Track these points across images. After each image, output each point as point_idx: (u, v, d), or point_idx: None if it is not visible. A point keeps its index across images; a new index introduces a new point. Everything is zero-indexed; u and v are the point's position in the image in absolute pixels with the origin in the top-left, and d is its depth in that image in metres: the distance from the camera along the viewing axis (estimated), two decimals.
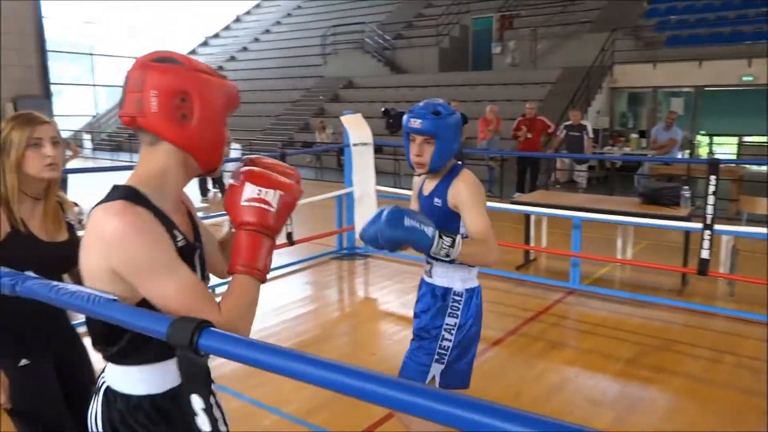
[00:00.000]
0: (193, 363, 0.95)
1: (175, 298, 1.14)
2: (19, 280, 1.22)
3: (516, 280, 5.35)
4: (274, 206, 1.23)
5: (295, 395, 3.16)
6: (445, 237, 1.87)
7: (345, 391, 0.82)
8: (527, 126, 9.60)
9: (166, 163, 1.23)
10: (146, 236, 1.14)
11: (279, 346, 0.93)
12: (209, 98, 1.20)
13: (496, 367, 3.64)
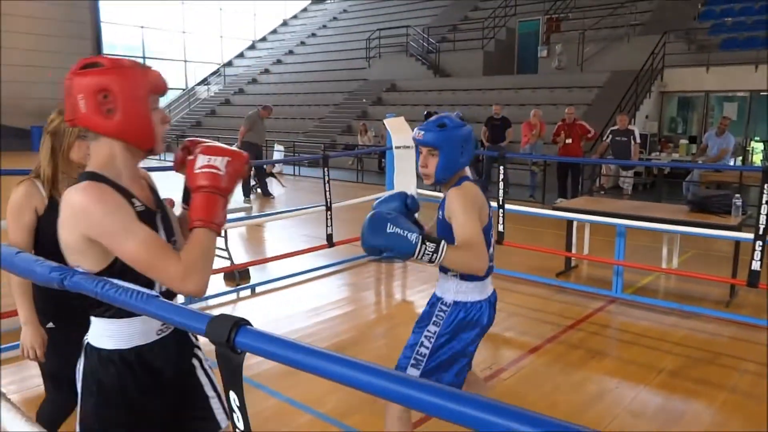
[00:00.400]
0: (230, 360, 0.97)
1: (138, 253, 1.34)
2: (67, 275, 1.28)
3: (556, 287, 5.26)
4: (223, 170, 1.43)
5: (330, 396, 3.19)
6: (428, 243, 1.87)
7: (378, 393, 0.83)
8: (566, 131, 9.44)
9: (110, 153, 1.44)
10: (107, 203, 1.35)
11: (314, 346, 0.95)
12: (129, 89, 1.37)
13: (532, 374, 3.59)
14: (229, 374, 1.00)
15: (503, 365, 3.69)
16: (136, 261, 1.35)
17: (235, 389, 1.00)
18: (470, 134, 2.19)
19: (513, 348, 4.01)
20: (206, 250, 1.40)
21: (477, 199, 2.13)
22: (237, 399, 1.00)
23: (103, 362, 1.49)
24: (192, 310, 1.10)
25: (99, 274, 1.38)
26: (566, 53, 15.08)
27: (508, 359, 3.80)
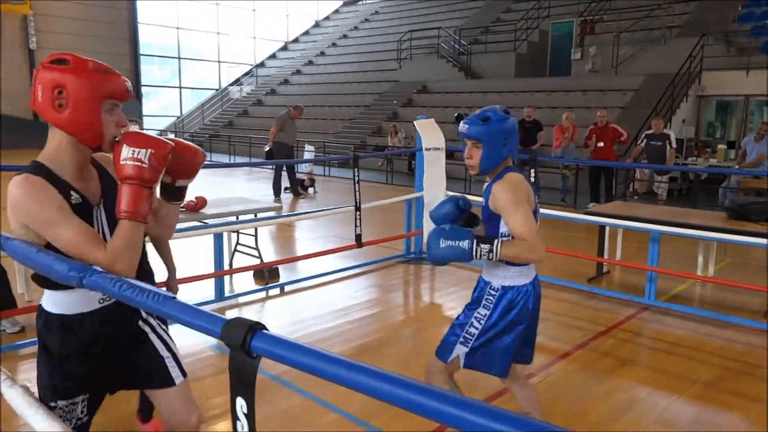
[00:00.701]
0: (244, 364, 0.96)
1: (67, 241, 1.51)
2: (86, 274, 1.29)
3: (587, 293, 5.18)
4: (147, 162, 1.51)
5: (356, 396, 3.17)
6: (482, 245, 2.08)
7: (393, 402, 0.82)
8: (598, 134, 9.29)
9: (59, 142, 1.58)
10: (37, 196, 1.50)
11: (329, 352, 0.94)
12: (82, 90, 1.50)
13: (562, 380, 3.53)
14: (240, 379, 0.97)
15: (532, 370, 3.64)
16: (65, 249, 1.52)
17: (243, 395, 0.97)
18: (513, 127, 2.27)
19: (542, 353, 3.95)
20: (131, 241, 1.54)
21: (523, 188, 2.22)
22: (245, 406, 0.97)
23: (48, 325, 1.67)
24: (208, 312, 1.09)
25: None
26: (600, 55, 14.85)
27: (537, 365, 3.74)
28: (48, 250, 1.50)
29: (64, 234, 1.50)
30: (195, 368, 3.53)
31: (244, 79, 26.55)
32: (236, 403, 0.98)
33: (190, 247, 6.10)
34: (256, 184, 12.44)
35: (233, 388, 0.98)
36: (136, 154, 1.51)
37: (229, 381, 0.98)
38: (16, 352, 3.70)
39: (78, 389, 1.69)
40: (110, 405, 2.49)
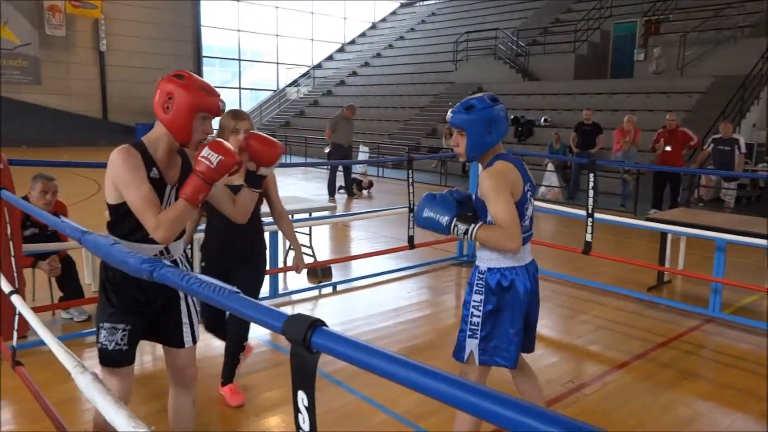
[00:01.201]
0: (304, 359, 0.97)
1: (132, 200, 1.92)
2: (156, 267, 1.34)
3: (646, 302, 5.01)
4: (214, 164, 1.90)
5: (406, 397, 3.18)
6: (460, 224, 2.21)
7: (447, 401, 0.82)
8: (667, 138, 8.95)
9: (159, 132, 2.02)
10: (127, 162, 1.93)
11: (387, 350, 0.94)
12: (184, 102, 1.91)
13: (618, 391, 3.42)
14: (301, 373, 0.99)
15: (586, 380, 3.55)
16: (131, 206, 1.94)
17: (304, 389, 0.99)
18: (498, 114, 2.28)
19: (598, 363, 3.85)
20: (179, 216, 1.92)
21: (508, 176, 2.25)
22: (306, 399, 0.99)
23: (105, 270, 2.09)
24: (271, 308, 1.11)
25: (115, 206, 2.00)
26: (665, 57, 14.33)
27: (592, 374, 3.65)
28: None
29: (132, 194, 1.92)
30: (250, 362, 3.61)
31: (301, 81, 26.99)
32: (297, 396, 1.00)
33: None
34: (312, 184, 12.62)
35: (294, 382, 1.00)
36: (210, 156, 1.91)
37: (290, 375, 1.01)
38: (83, 339, 3.88)
39: (119, 320, 2.09)
40: (145, 400, 2.58)
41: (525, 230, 2.32)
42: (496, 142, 2.31)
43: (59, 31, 19.66)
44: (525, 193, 2.31)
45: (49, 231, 4.07)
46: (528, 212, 2.35)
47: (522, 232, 2.26)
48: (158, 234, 1.91)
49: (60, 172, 4.19)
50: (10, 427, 2.88)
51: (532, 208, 2.39)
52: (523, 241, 2.29)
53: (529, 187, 2.36)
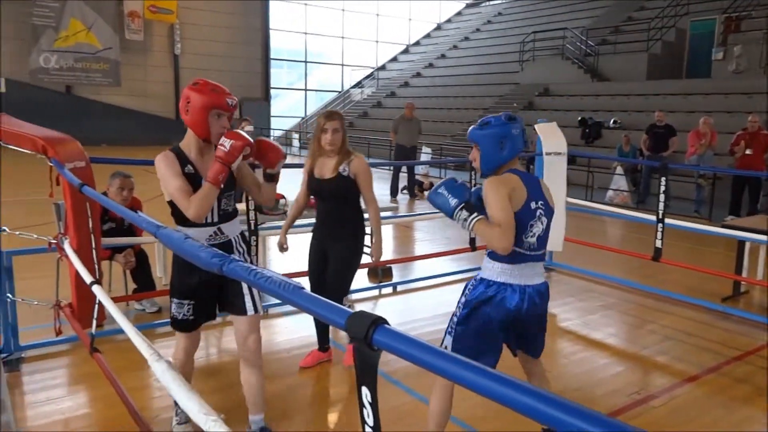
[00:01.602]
0: (366, 356, 0.99)
1: (170, 191, 2.37)
2: (225, 262, 1.38)
3: (720, 313, 4.77)
4: (227, 148, 2.30)
5: (465, 400, 3.15)
6: (464, 211, 2.29)
7: (506, 403, 0.81)
8: (747, 141, 8.48)
9: (189, 134, 2.45)
10: (165, 163, 2.40)
11: (447, 351, 0.94)
12: (197, 103, 2.34)
13: (688, 405, 3.28)
14: (364, 370, 1.01)
15: (654, 392, 3.42)
16: (171, 196, 2.39)
17: (367, 385, 1.01)
18: (511, 132, 2.36)
19: (666, 374, 3.70)
20: (206, 197, 2.32)
21: (507, 184, 2.31)
22: (369, 395, 1.01)
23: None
24: (335, 304, 1.12)
25: (169, 201, 2.44)
26: (746, 55, 13.60)
27: (660, 386, 3.51)
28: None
29: (169, 187, 2.37)
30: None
31: (365, 82, 27.24)
32: (362, 392, 1.01)
33: (304, 242, 6.35)
34: (375, 185, 12.70)
35: (358, 378, 1.02)
36: (225, 142, 2.31)
37: (356, 371, 1.03)
38: (153, 330, 4.06)
39: (185, 296, 2.51)
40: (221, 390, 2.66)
41: (528, 247, 2.34)
42: (510, 158, 2.39)
43: (137, 36, 20.64)
44: (529, 208, 2.32)
45: (125, 226, 4.28)
46: (534, 229, 2.34)
47: (524, 249, 2.32)
48: (190, 213, 2.33)
49: (136, 169, 4.39)
50: (86, 410, 3.05)
51: (543, 227, 2.36)
52: (525, 259, 2.33)
53: (540, 205, 2.35)
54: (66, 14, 19.32)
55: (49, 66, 19.20)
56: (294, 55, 26.15)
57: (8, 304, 3.39)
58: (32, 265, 3.80)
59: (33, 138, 2.80)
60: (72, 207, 2.84)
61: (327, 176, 3.25)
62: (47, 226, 4.39)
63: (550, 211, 2.41)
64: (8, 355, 3.41)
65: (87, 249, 2.88)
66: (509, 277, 2.36)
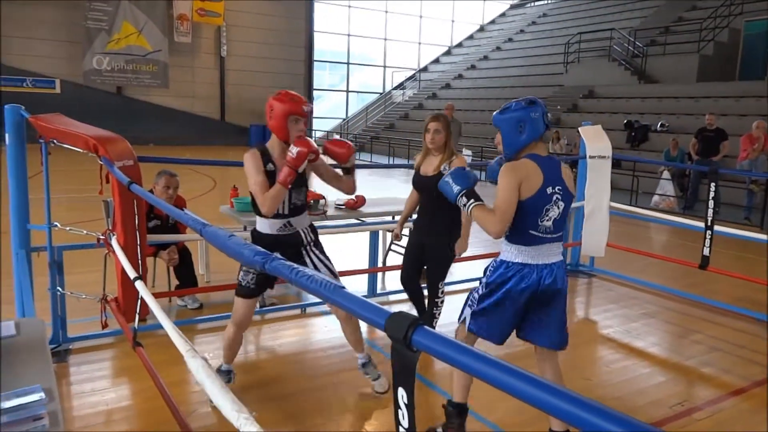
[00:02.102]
0: (404, 357, 0.99)
1: (251, 186, 2.79)
2: (268, 260, 1.41)
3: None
4: (294, 154, 2.68)
5: (501, 404, 3.13)
6: (464, 197, 2.47)
7: (544, 408, 0.80)
8: None
9: (273, 137, 2.88)
10: (250, 160, 2.81)
11: (486, 353, 0.93)
12: (277, 109, 2.78)
13: (733, 419, 3.17)
14: (402, 371, 1.01)
15: (698, 404, 3.31)
16: (251, 189, 2.81)
17: (404, 386, 1.01)
18: (529, 116, 2.48)
19: (711, 386, 3.58)
20: (275, 195, 2.74)
21: (520, 171, 2.42)
22: (405, 396, 1.00)
23: (253, 232, 3.07)
24: (375, 305, 1.13)
25: (251, 193, 2.85)
26: None
27: (704, 398, 3.40)
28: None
29: (251, 181, 2.78)
30: (345, 359, 3.70)
31: (407, 83, 27.25)
32: (398, 392, 1.01)
33: (349, 242, 6.39)
34: None
35: (395, 379, 1.02)
36: (292, 149, 2.69)
37: (392, 372, 1.02)
38: (195, 326, 4.15)
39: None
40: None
41: (544, 231, 2.48)
42: (528, 141, 2.50)
43: (186, 38, 21.17)
44: (545, 193, 2.44)
45: (170, 223, 4.39)
46: (550, 213, 2.47)
47: (540, 233, 2.47)
48: (263, 208, 2.78)
49: (181, 168, 4.50)
50: (128, 402, 3.15)
51: (559, 212, 2.49)
52: (541, 241, 2.49)
53: (557, 190, 2.47)
54: (118, 17, 19.97)
55: (102, 68, 19.88)
56: (336, 56, 26.37)
57: (58, 297, 3.53)
58: (81, 260, 3.94)
59: (85, 137, 2.90)
60: (120, 204, 2.93)
61: (430, 173, 3.52)
62: (92, 222, 4.54)
63: (568, 195, 2.52)
64: (57, 346, 3.55)
65: (133, 245, 2.97)
66: (527, 258, 2.51)
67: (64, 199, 8.54)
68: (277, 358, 3.75)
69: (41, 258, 3.56)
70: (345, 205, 5.00)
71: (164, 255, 4.33)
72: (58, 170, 9.28)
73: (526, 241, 2.48)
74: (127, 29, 20.14)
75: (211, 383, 1.64)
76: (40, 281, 3.62)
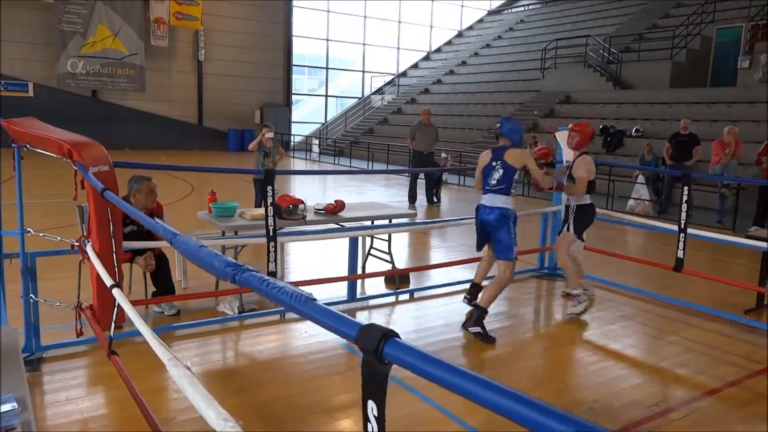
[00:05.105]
0: (375, 369, 0.98)
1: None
2: (238, 271, 1.38)
3: (743, 326, 4.68)
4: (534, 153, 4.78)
5: (480, 409, 3.14)
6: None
7: (516, 419, 0.81)
8: None
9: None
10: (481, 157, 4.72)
11: (458, 365, 0.93)
12: (582, 136, 4.92)
13: (708, 419, 3.22)
14: (372, 383, 1.00)
15: (673, 404, 3.37)
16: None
17: (374, 398, 1.00)
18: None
19: (686, 387, 3.64)
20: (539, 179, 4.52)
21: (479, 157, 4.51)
22: (375, 409, 0.99)
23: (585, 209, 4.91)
24: (345, 316, 1.09)
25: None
26: None
27: (680, 399, 3.46)
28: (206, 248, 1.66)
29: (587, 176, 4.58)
30: (325, 365, 3.69)
31: (386, 88, 27.31)
32: (367, 405, 1.01)
33: (328, 247, 6.38)
34: (393, 191, 12.72)
35: (365, 391, 1.01)
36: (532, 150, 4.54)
37: (361, 383, 1.02)
38: (172, 332, 4.10)
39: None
40: None
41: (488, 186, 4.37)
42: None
43: (163, 42, 20.95)
44: (486, 165, 4.40)
45: (146, 229, 4.34)
46: (486, 177, 4.38)
47: (485, 185, 4.39)
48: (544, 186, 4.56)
49: (157, 173, 4.46)
50: (104, 410, 3.10)
51: (495, 176, 4.33)
52: (485, 190, 4.38)
53: (487, 163, 4.41)
54: (94, 20, 19.70)
55: (76, 71, 19.58)
56: (315, 61, 26.33)
57: (31, 304, 3.46)
58: (56, 266, 3.87)
59: (59, 142, 2.85)
60: (95, 210, 2.89)
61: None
62: (67, 228, 4.47)
63: (502, 164, 4.33)
64: (30, 354, 3.48)
65: (108, 252, 2.92)
66: (514, 205, 4.36)
67: (38, 204, 8.38)
68: (257, 364, 3.73)
69: (14, 265, 3.49)
70: (324, 210, 4.99)
71: (141, 261, 4.28)
72: (32, 175, 9.10)
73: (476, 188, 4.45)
74: (103, 32, 19.88)
75: (195, 392, 1.62)
76: (12, 288, 3.55)
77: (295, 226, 4.97)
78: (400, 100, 24.94)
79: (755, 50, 14.13)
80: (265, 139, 6.98)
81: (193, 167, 4.03)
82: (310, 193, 11.23)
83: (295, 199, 4.71)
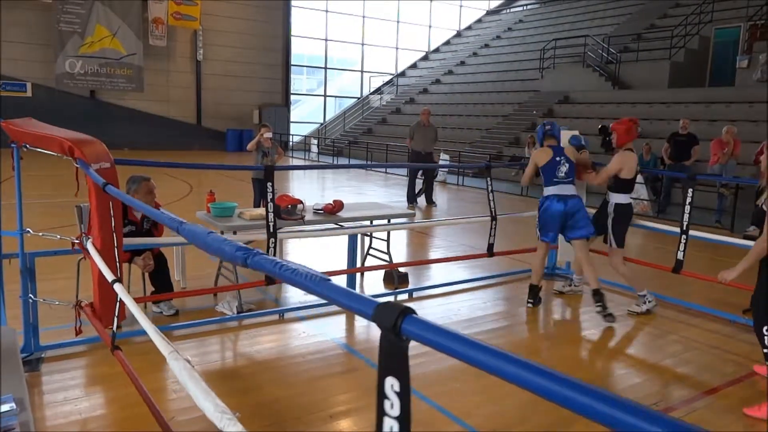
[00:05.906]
0: (394, 345, 0.98)
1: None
2: (249, 255, 1.38)
3: (743, 326, 4.67)
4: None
5: (480, 409, 3.14)
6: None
7: (540, 392, 0.79)
8: None
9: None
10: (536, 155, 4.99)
11: (477, 340, 0.92)
12: (623, 132, 5.17)
13: (708, 418, 3.22)
14: (391, 360, 0.99)
15: (673, 403, 3.37)
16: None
17: (395, 374, 0.99)
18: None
19: (686, 386, 3.64)
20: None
21: (535, 156, 4.91)
22: (397, 384, 0.98)
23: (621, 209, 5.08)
24: (362, 295, 1.11)
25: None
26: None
27: (680, 397, 3.46)
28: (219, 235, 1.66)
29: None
30: (323, 365, 3.68)
31: (384, 88, 27.31)
32: (385, 383, 1.00)
33: (327, 248, 6.37)
34: (392, 190, 12.72)
35: (382, 368, 1.00)
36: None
37: (377, 362, 1.01)
38: (171, 333, 4.09)
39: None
40: None
41: (548, 181, 4.84)
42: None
43: (161, 42, 20.93)
44: (547, 163, 4.81)
45: (145, 228, 4.34)
46: (556, 171, 4.80)
47: (552, 177, 4.81)
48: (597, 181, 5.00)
49: (156, 173, 4.45)
50: (103, 410, 3.09)
51: (563, 169, 4.80)
52: (555, 183, 4.81)
53: (550, 159, 4.82)
54: (92, 21, 19.68)
55: (75, 71, 19.56)
56: (314, 61, 26.32)
57: (30, 304, 3.45)
58: (55, 266, 3.87)
59: (60, 139, 2.84)
60: (96, 206, 2.87)
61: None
62: (65, 228, 4.46)
63: (566, 160, 4.85)
64: (29, 354, 3.47)
65: (110, 248, 2.91)
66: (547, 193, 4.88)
67: (37, 204, 8.37)
68: (255, 364, 3.72)
69: (13, 265, 3.48)
70: (323, 210, 4.99)
71: (139, 261, 4.27)
72: (31, 175, 9.10)
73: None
74: (101, 32, 19.86)
75: (194, 385, 1.61)
76: (11, 288, 3.54)
77: (293, 226, 4.96)
78: (399, 100, 24.94)
79: (753, 50, 14.15)
80: (263, 139, 6.98)
81: (193, 164, 4.03)
82: (308, 194, 11.23)
83: (294, 199, 4.70)
